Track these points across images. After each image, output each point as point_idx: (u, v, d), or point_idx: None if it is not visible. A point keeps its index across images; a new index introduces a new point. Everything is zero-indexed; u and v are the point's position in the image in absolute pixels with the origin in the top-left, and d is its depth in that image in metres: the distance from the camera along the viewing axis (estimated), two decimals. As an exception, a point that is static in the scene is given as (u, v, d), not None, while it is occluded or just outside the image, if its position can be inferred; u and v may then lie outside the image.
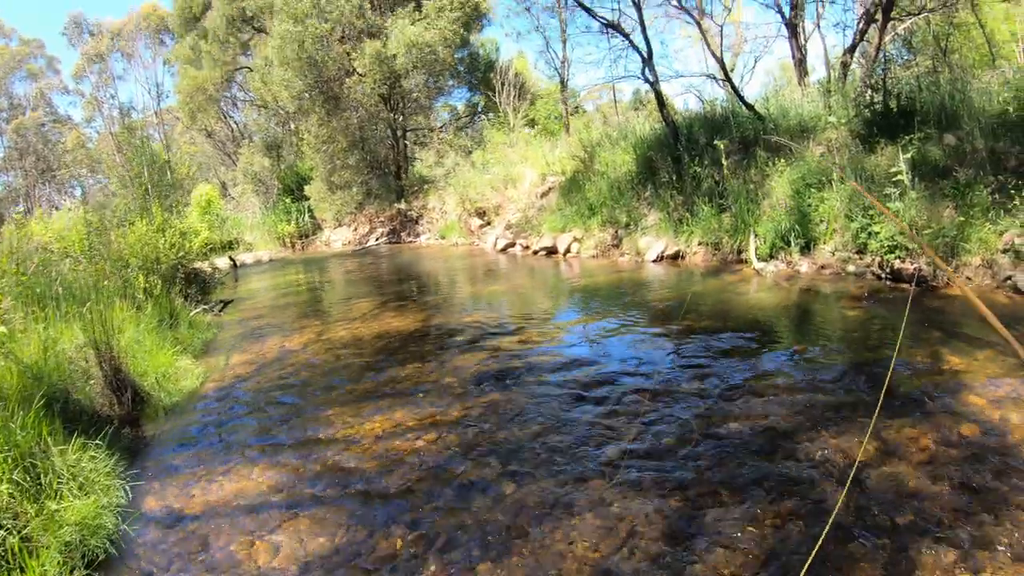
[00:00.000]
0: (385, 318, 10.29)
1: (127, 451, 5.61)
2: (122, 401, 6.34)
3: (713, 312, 8.67)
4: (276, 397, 6.96)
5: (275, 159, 34.13)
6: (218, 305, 12.60)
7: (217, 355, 9.14)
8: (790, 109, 13.71)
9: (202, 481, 5.06)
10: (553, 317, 9.65)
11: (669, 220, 13.36)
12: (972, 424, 4.55)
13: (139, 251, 10.41)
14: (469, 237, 21.02)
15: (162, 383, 7.18)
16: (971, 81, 11.93)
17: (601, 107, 42.71)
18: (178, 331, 9.44)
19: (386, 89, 24.53)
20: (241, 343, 9.74)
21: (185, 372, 7.84)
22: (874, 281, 9.29)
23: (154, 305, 9.41)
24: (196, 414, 6.73)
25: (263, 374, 7.89)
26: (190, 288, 12.12)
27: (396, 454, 5.13)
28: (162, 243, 10.91)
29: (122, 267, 9.95)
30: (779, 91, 16.86)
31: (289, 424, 6.07)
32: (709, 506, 3.97)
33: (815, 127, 12.59)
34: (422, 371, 7.21)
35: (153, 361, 7.51)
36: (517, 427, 5.39)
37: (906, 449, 4.32)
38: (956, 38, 23.00)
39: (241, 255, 24.44)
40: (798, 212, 10.87)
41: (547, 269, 14.23)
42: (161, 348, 8.08)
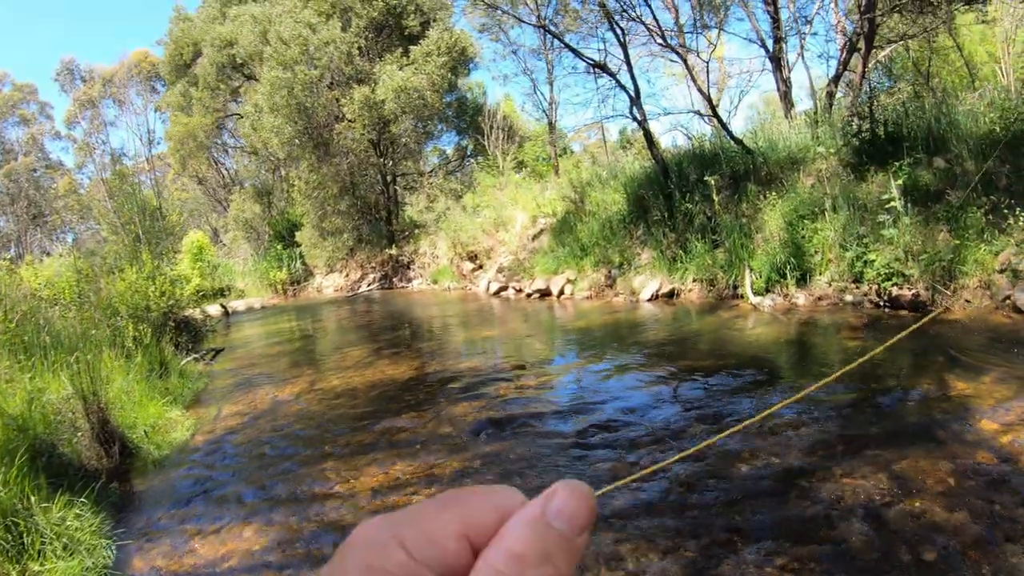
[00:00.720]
0: (379, 366, 10.09)
1: (114, 507, 5.41)
2: (110, 454, 6.17)
3: (712, 351, 8.56)
4: (268, 450, 6.74)
5: (266, 205, 34.10)
6: (209, 354, 12.41)
7: (208, 406, 8.92)
8: (778, 141, 13.79)
9: (192, 540, 4.82)
10: (550, 362, 9.49)
11: (663, 258, 13.27)
12: (986, 452, 4.45)
13: (129, 299, 10.28)
14: (461, 281, 20.90)
15: (151, 435, 7.00)
16: (955, 104, 12.06)
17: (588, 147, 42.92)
18: (168, 381, 9.27)
19: (375, 134, 24.56)
20: (232, 393, 9.52)
21: (175, 423, 7.64)
22: (872, 309, 9.26)
23: (144, 354, 9.25)
24: (186, 468, 6.49)
25: (255, 426, 7.67)
26: (181, 336, 11.97)
27: (394, 509, 4.87)
28: (152, 291, 10.79)
29: (111, 315, 9.82)
30: (765, 124, 16.93)
31: (283, 478, 5.84)
32: (724, 555, 3.77)
33: (804, 158, 12.63)
34: (418, 421, 7.01)
35: (142, 412, 7.34)
36: (519, 479, 5.19)
37: (922, 481, 4.17)
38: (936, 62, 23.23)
39: (233, 302, 24.24)
40: (792, 244, 10.83)
41: (541, 312, 14.09)
42: (151, 398, 7.92)
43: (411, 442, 6.36)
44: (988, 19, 18.00)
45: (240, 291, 27.35)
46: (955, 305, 8.49)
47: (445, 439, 6.31)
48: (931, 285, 8.76)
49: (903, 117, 12.00)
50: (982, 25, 22.24)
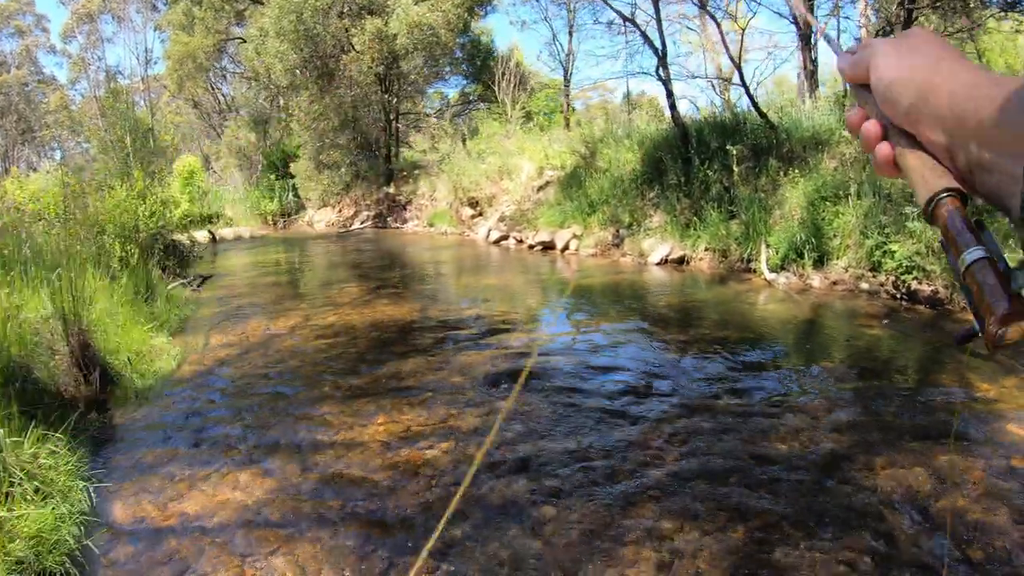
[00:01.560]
0: (378, 305, 9.72)
1: (93, 443, 4.93)
2: (89, 381, 5.72)
3: (729, 323, 8.30)
4: (264, 388, 6.28)
5: (261, 134, 33.34)
6: (197, 280, 11.99)
7: (196, 334, 8.48)
8: (802, 120, 13.38)
9: (181, 487, 4.33)
10: (560, 317, 9.19)
11: (675, 223, 12.96)
12: (1020, 456, 4.36)
13: (117, 217, 9.83)
14: (460, 227, 20.48)
15: (135, 363, 6.55)
16: None
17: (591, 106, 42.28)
18: (154, 305, 8.84)
19: (383, 69, 23.91)
20: (222, 323, 9.09)
21: (160, 351, 7.21)
22: (889, 300, 9.02)
23: (130, 276, 8.82)
24: (173, 402, 6.02)
25: (247, 360, 7.23)
26: (168, 260, 11.57)
27: (408, 465, 4.49)
28: (142, 210, 10.35)
29: (98, 233, 9.38)
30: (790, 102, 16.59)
31: (281, 421, 5.39)
32: (776, 541, 3.50)
33: (829, 140, 12.32)
34: (426, 367, 6.62)
35: (126, 337, 6.91)
36: (543, 440, 4.80)
37: (961, 479, 4.08)
38: None
39: (221, 230, 23.74)
40: (812, 224, 10.53)
41: (545, 265, 13.76)
42: (135, 323, 7.50)
43: (420, 389, 5.97)
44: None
45: (229, 219, 26.72)
46: None
47: (458, 390, 5.93)
48: (951, 283, 8.55)
49: None
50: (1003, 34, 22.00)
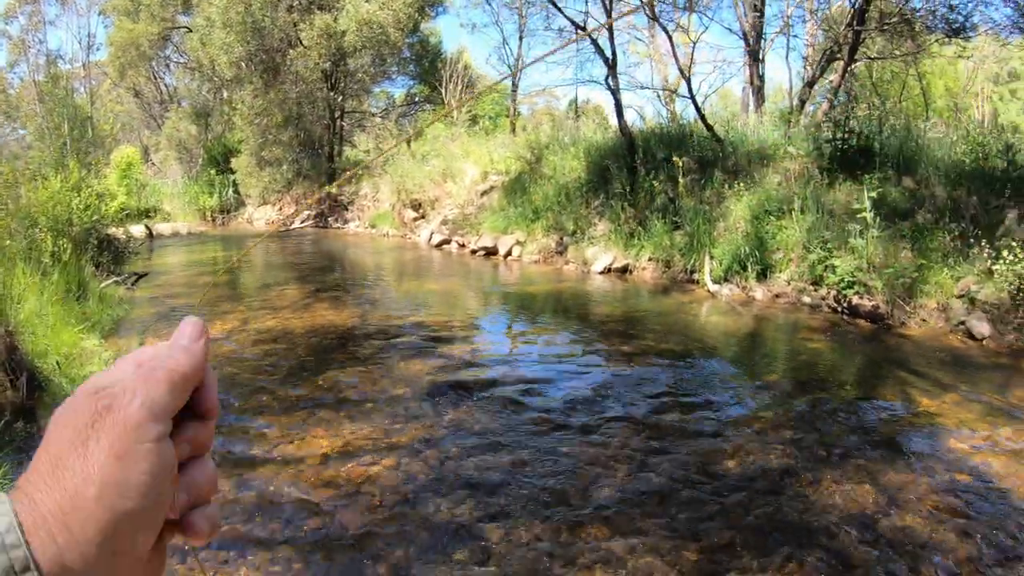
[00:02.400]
0: (318, 310, 9.52)
1: (19, 452, 4.67)
2: (16, 387, 5.43)
3: (672, 334, 8.32)
4: None
5: (203, 127, 32.64)
6: (131, 278, 11.61)
7: (128, 336, 8.16)
8: (749, 135, 13.60)
9: None
10: (503, 326, 9.21)
11: (619, 232, 12.98)
12: (961, 472, 4.52)
13: (50, 210, 9.46)
14: (402, 229, 20.27)
15: (64, 367, 6.24)
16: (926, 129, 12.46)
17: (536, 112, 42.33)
18: (86, 305, 8.50)
19: (330, 65, 23.61)
20: (156, 324, 8.76)
21: (91, 355, 6.89)
22: (830, 314, 9.20)
23: (61, 272, 8.48)
24: None
25: None
26: (103, 256, 11.19)
27: (350, 483, 4.34)
28: (76, 203, 10.00)
29: (29, 226, 9.03)
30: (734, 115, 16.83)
31: (216, 434, 5.16)
32: (728, 562, 3.50)
33: (774, 155, 12.58)
34: (368, 378, 6.47)
35: (56, 339, 6.61)
36: (489, 455, 4.71)
37: (907, 496, 4.17)
38: (894, 87, 23.68)
39: (158, 225, 23.18)
40: (756, 237, 10.68)
41: (487, 271, 13.69)
42: (66, 324, 7.17)
43: (361, 401, 5.83)
44: (967, 55, 18.25)
45: (167, 214, 26.10)
46: (911, 322, 8.57)
47: (400, 401, 5.79)
48: (891, 299, 8.75)
49: (876, 132, 11.99)
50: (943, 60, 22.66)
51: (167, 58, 38.39)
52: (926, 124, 13.85)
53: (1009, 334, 7.76)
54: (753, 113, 16.47)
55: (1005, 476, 4.44)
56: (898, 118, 13.64)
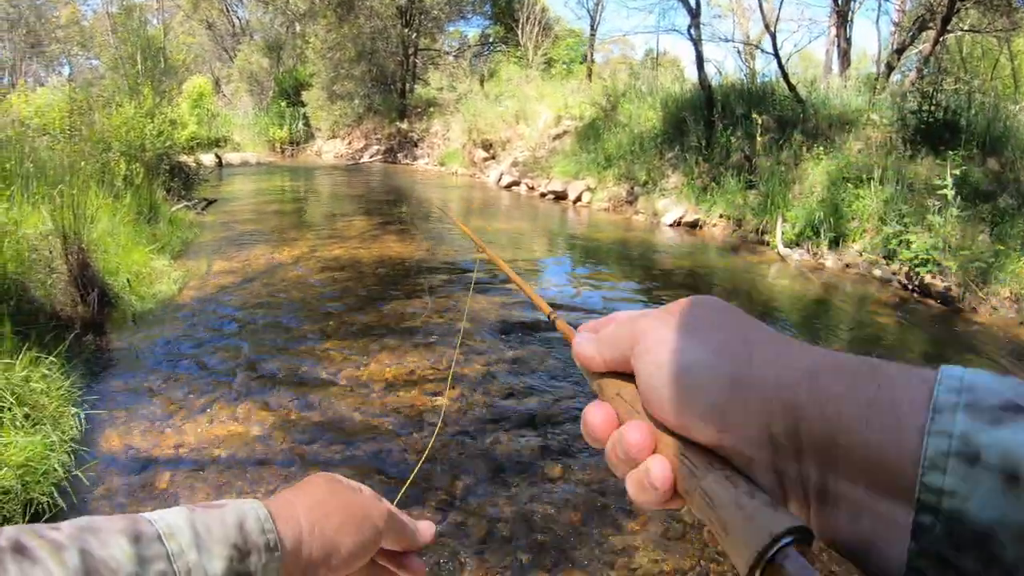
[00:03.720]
0: (386, 241, 9.56)
1: (87, 366, 4.77)
2: (87, 302, 5.53)
3: (739, 293, 8.23)
4: (266, 318, 6.13)
5: (275, 60, 32.73)
6: (201, 203, 11.78)
7: (198, 258, 8.29)
8: (832, 98, 13.21)
9: (177, 417, 4.17)
10: (569, 270, 9.11)
11: (691, 186, 12.78)
12: None
13: (124, 135, 9.60)
14: (471, 168, 20.23)
15: (134, 285, 6.36)
16: (1016, 111, 11.88)
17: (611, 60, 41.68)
18: (156, 227, 8.66)
19: (405, 2, 23.44)
20: (225, 248, 8.90)
21: (161, 274, 7.03)
22: (900, 290, 8.91)
23: (133, 195, 8.62)
24: (172, 327, 5.83)
25: (250, 288, 7.06)
26: (173, 182, 11.34)
27: (412, 411, 4.33)
28: (149, 129, 10.10)
29: (103, 150, 9.13)
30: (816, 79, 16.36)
31: (282, 354, 5.22)
32: None
33: (856, 121, 12.18)
34: (434, 309, 6.49)
35: (126, 258, 6.72)
36: (550, 394, 4.67)
37: None
38: (984, 63, 22.84)
39: (228, 154, 23.38)
40: (831, 204, 10.39)
41: (556, 215, 13.61)
42: (136, 244, 7.31)
43: (427, 332, 5.82)
44: None
45: (237, 144, 26.30)
46: (982, 308, 8.18)
47: (465, 335, 5.79)
48: (964, 282, 8.38)
49: (963, 108, 11.49)
50: None
51: (241, -10, 38.48)
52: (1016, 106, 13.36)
53: None
54: (837, 76, 15.98)
55: None
56: (987, 96, 13.10)
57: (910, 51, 15.82)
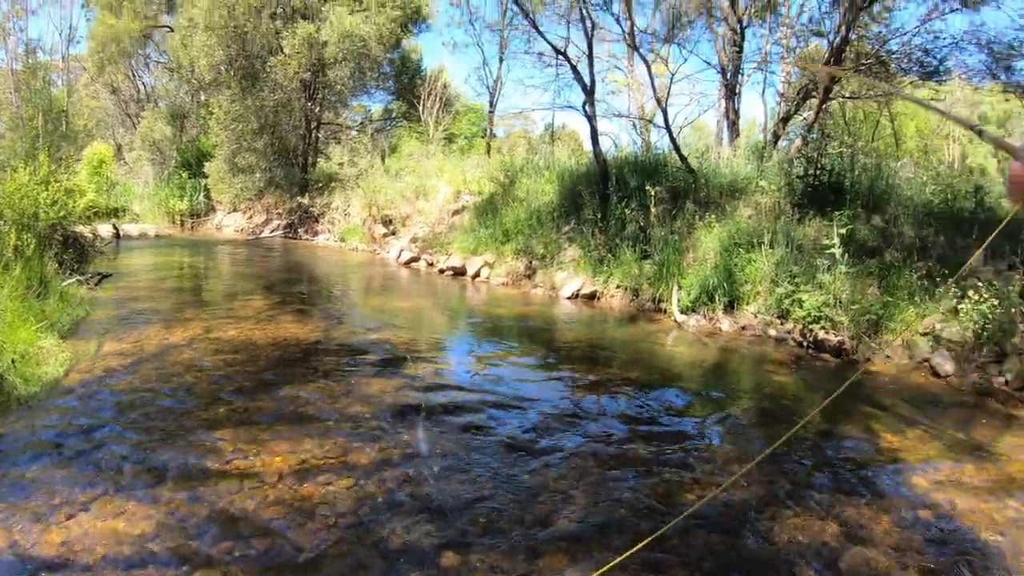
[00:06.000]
0: (282, 322, 9.40)
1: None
2: (-33, 383, 5.34)
3: (638, 363, 8.29)
4: (156, 405, 5.91)
5: (178, 129, 32.29)
6: (95, 278, 11.46)
7: (88, 338, 8.00)
8: (722, 167, 13.88)
9: (61, 512, 3.96)
10: (468, 347, 9.12)
11: (588, 258, 13.01)
12: (924, 508, 4.58)
13: (16, 202, 9.32)
14: (371, 244, 20.18)
15: (20, 366, 6.12)
16: (896, 169, 13.00)
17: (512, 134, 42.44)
18: (46, 303, 8.34)
19: (309, 75, 23.53)
20: (117, 328, 8.62)
21: (48, 355, 6.76)
22: (795, 348, 9.28)
23: (23, 267, 8.34)
24: (58, 413, 5.60)
25: (140, 371, 6.84)
26: (67, 253, 11.03)
27: (305, 502, 4.24)
28: (44, 197, 9.84)
29: (-6, 219, 8.88)
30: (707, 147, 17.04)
31: (173, 444, 5.03)
32: None
33: (746, 188, 12.80)
34: (329, 394, 6.37)
35: (12, 336, 6.47)
36: (448, 480, 4.64)
37: (869, 531, 4.23)
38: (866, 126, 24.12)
39: (126, 225, 22.86)
40: (724, 269, 10.75)
41: (455, 291, 13.62)
42: (24, 321, 7.05)
43: (321, 418, 5.71)
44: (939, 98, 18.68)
45: (136, 215, 25.76)
46: (876, 358, 8.69)
47: (360, 420, 5.69)
48: (857, 335, 8.89)
49: (847, 170, 12.32)
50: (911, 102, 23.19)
51: (147, 57, 37.99)
52: (897, 164, 14.18)
53: (972, 372, 7.93)
54: (727, 146, 16.67)
55: (967, 513, 4.54)
56: (869, 157, 13.88)
57: (795, 119, 16.60)
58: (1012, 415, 6.95)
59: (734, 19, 16.62)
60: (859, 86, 16.67)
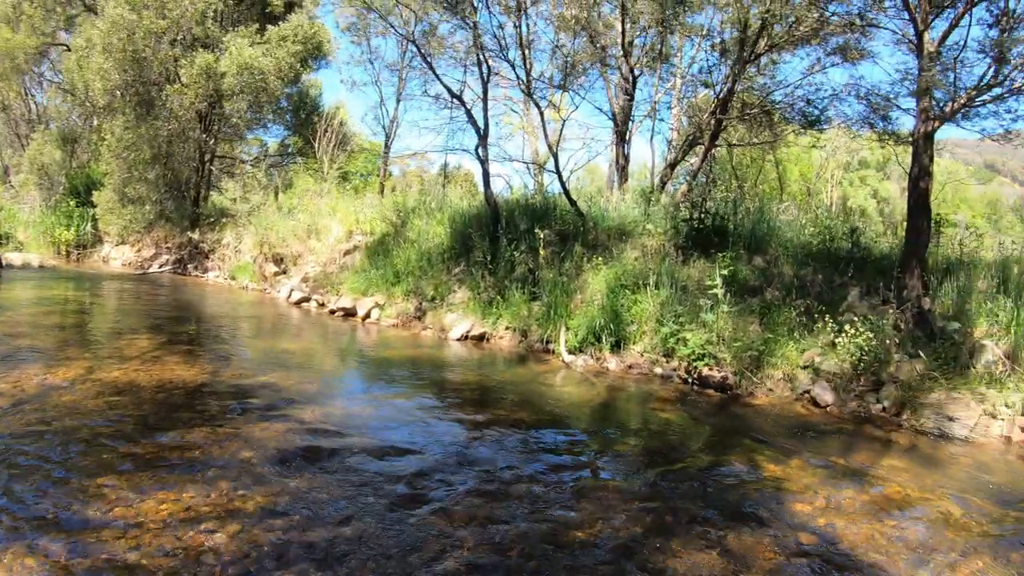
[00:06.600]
0: (168, 363, 9.18)
1: None
2: None
3: (527, 403, 8.44)
4: (36, 449, 5.71)
5: (68, 154, 31.10)
6: (-30, 312, 11.00)
7: (-37, 376, 7.70)
8: (611, 211, 14.31)
9: None
10: (357, 390, 9.16)
11: (478, 300, 13.15)
12: (806, 533, 4.81)
13: None
14: (262, 283, 19.83)
15: None
16: (776, 212, 13.64)
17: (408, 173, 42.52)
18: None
19: (205, 106, 23.12)
20: (-6, 365, 8.32)
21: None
22: (681, 385, 9.65)
23: None
24: None
25: (19, 414, 6.59)
26: (-59, 285, 10.56)
27: (190, 551, 4.17)
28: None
29: None
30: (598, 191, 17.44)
31: (53, 491, 4.89)
32: None
33: (633, 231, 13.23)
34: (214, 439, 6.26)
35: None
36: (335, 525, 4.64)
37: (754, 559, 4.42)
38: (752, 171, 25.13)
39: (10, 253, 22.00)
40: (611, 310, 11.05)
41: (345, 333, 13.53)
42: None
43: (206, 463, 5.61)
44: (820, 144, 19.61)
45: (20, 243, 24.85)
46: (759, 392, 9.20)
47: (246, 465, 5.62)
48: (739, 371, 9.37)
49: (730, 214, 12.89)
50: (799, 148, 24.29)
51: (41, 75, 36.53)
52: (779, 207, 14.81)
53: (851, 401, 8.58)
54: (616, 190, 17.08)
55: (848, 536, 4.82)
56: (753, 201, 14.53)
57: (683, 164, 17.17)
58: (890, 439, 7.50)
59: (627, 68, 17.12)
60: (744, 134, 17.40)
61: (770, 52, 13.89)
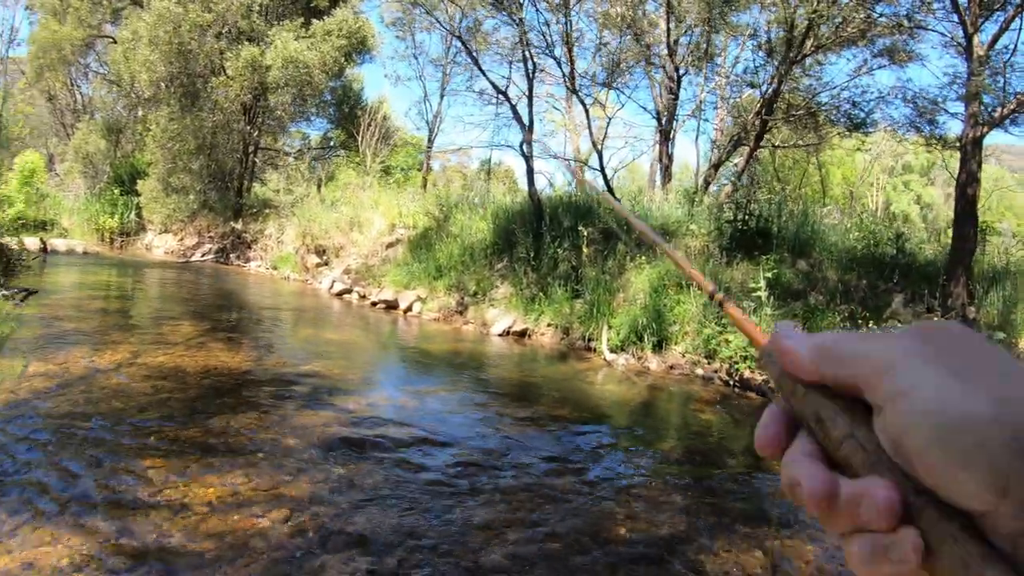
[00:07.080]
0: (212, 350, 9.28)
1: None
2: None
3: (568, 400, 8.43)
4: (83, 430, 5.78)
5: (113, 144, 31.55)
6: (20, 294, 11.24)
7: (12, 357, 7.83)
8: (654, 210, 14.16)
9: None
10: (398, 382, 9.17)
11: (520, 296, 13.17)
12: None
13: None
14: (303, 274, 20.04)
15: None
16: (822, 216, 13.55)
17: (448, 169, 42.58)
18: (-30, 319, 8.21)
19: (250, 99, 23.36)
20: (42, 347, 8.44)
21: (-30, 372, 6.67)
22: (721, 386, 9.57)
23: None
24: None
25: (66, 395, 6.70)
26: (-8, 266, 10.80)
27: (237, 535, 4.19)
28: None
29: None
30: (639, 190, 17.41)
31: (99, 471, 4.94)
32: None
33: (677, 231, 13.08)
34: (259, 425, 6.32)
35: (-65, 353, 6.37)
36: (380, 513, 4.65)
37: (796, 562, 4.42)
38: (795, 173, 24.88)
39: (54, 240, 22.35)
40: (653, 310, 11.01)
41: (386, 325, 13.63)
42: (-52, 338, 6.93)
43: (251, 449, 5.66)
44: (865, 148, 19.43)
45: (64, 229, 25.17)
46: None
47: (291, 453, 5.65)
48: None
49: (774, 216, 12.76)
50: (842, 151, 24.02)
51: (87, 66, 37.05)
52: (823, 211, 14.71)
53: None
54: (659, 190, 17.05)
55: None
56: (796, 204, 14.39)
57: (727, 165, 17.11)
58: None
59: (671, 67, 17.05)
60: (788, 135, 17.30)
61: (816, 53, 13.80)
